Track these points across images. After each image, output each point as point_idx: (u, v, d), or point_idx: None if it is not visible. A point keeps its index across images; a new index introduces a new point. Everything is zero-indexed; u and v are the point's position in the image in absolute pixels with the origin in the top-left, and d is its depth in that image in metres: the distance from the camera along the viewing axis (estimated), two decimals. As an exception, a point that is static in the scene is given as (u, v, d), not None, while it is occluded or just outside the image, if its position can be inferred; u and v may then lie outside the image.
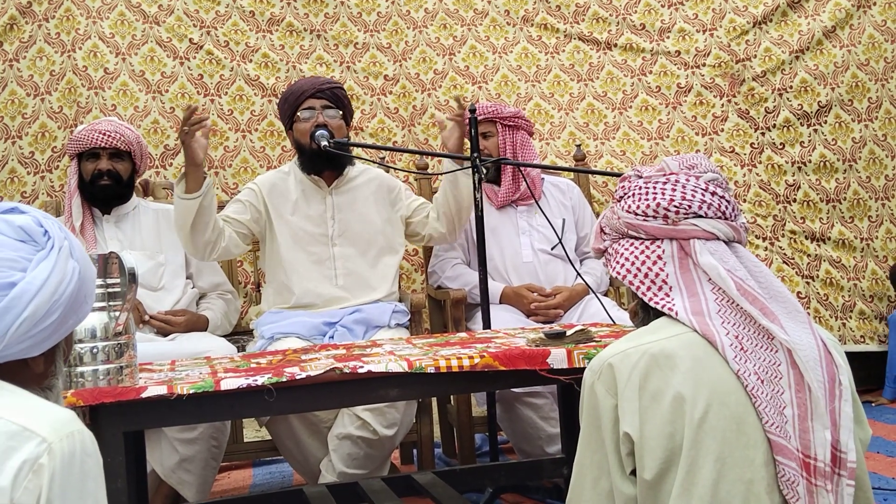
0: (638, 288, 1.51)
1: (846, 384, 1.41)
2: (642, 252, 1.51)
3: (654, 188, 1.52)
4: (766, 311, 1.42)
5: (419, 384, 1.95)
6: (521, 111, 3.42)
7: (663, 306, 1.48)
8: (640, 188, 1.53)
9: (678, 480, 1.34)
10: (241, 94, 4.13)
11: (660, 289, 1.49)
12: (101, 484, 1.10)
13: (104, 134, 3.03)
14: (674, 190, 1.50)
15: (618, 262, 1.54)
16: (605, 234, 1.60)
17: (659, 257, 1.50)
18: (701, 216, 1.49)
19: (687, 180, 1.51)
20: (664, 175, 1.53)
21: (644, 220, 1.51)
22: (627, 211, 1.53)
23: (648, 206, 1.50)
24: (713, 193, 1.51)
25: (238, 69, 4.14)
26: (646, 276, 1.50)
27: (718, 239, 1.50)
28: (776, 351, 1.40)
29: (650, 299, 1.50)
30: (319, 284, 3.02)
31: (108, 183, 3.07)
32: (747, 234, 1.57)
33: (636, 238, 1.53)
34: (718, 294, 1.45)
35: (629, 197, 1.54)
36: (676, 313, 1.45)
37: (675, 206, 1.49)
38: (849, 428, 1.38)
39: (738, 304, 1.43)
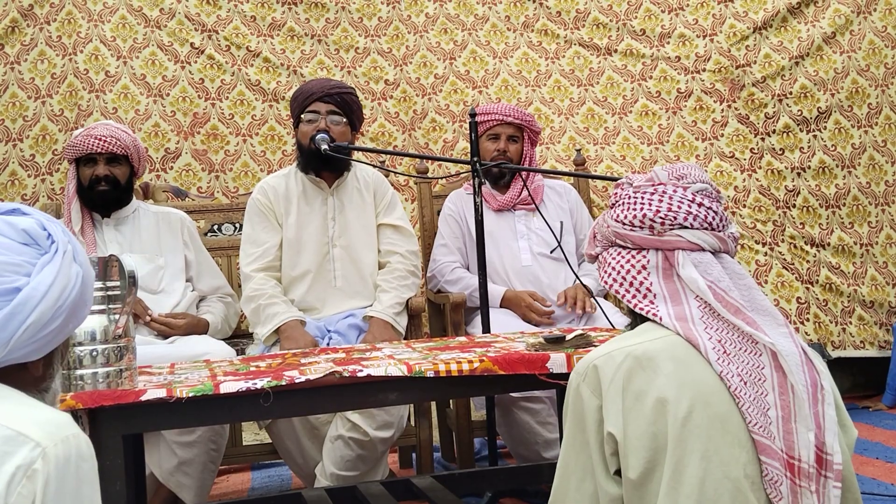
0: (623, 296, 1.55)
1: (828, 389, 1.43)
2: (628, 261, 1.54)
3: (642, 199, 1.54)
4: (748, 321, 1.45)
5: (418, 388, 1.95)
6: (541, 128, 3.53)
7: (648, 312, 1.51)
8: (630, 198, 1.56)
9: (665, 479, 1.36)
10: (242, 98, 4.14)
11: (644, 296, 1.52)
12: (96, 488, 1.09)
13: (100, 139, 3.03)
14: (660, 201, 1.52)
15: (605, 272, 1.58)
16: (597, 240, 1.63)
17: (644, 267, 1.53)
18: (686, 227, 1.51)
19: (674, 191, 1.53)
20: (653, 185, 1.55)
21: (631, 230, 1.54)
22: (616, 220, 1.56)
23: (635, 216, 1.53)
24: (700, 204, 1.52)
25: (239, 73, 4.15)
26: (631, 284, 1.54)
27: (704, 250, 1.51)
28: (760, 355, 1.43)
29: (635, 306, 1.53)
30: (319, 286, 3.03)
31: (105, 188, 3.06)
32: (737, 245, 1.59)
33: (623, 247, 1.56)
34: (701, 302, 1.48)
35: (619, 206, 1.57)
36: (661, 318, 1.48)
37: (661, 218, 1.51)
38: (833, 431, 1.40)
39: (720, 314, 1.45)
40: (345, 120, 3.03)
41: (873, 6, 4.20)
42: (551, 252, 3.33)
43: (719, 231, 1.53)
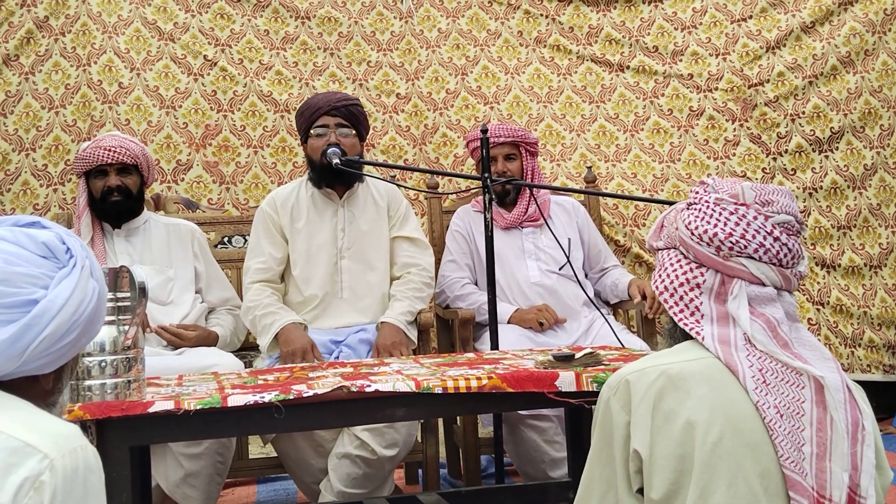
0: (671, 307, 1.50)
1: (869, 429, 1.39)
2: (684, 274, 1.50)
3: (720, 215, 1.47)
4: (796, 356, 1.41)
5: (426, 404, 1.93)
6: (537, 138, 3.52)
7: (691, 329, 1.47)
8: (708, 207, 1.49)
9: (690, 503, 1.33)
10: (254, 109, 4.15)
11: (692, 314, 1.48)
12: (103, 500, 1.10)
13: (109, 150, 3.04)
14: (737, 224, 1.46)
15: (659, 276, 1.54)
16: (662, 233, 1.58)
17: (698, 285, 1.48)
18: (754, 259, 1.46)
19: (754, 218, 1.46)
20: (735, 204, 1.48)
21: (697, 243, 1.48)
22: (686, 226, 1.50)
23: (706, 231, 1.47)
24: (776, 239, 1.46)
25: (251, 85, 4.16)
26: (681, 298, 1.50)
27: (765, 284, 1.46)
28: (802, 387, 1.39)
29: (680, 320, 1.49)
30: (326, 297, 3.03)
31: (118, 199, 3.07)
32: (801, 282, 1.53)
33: (684, 256, 1.51)
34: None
35: (694, 210, 1.51)
36: (703, 338, 1.45)
37: (731, 242, 1.45)
38: (870, 473, 1.36)
39: (766, 346, 1.42)
40: (353, 132, 3.04)
41: (888, 26, 4.18)
42: (560, 269, 3.32)
43: (787, 268, 1.47)
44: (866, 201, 4.15)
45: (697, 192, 1.53)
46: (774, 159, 4.22)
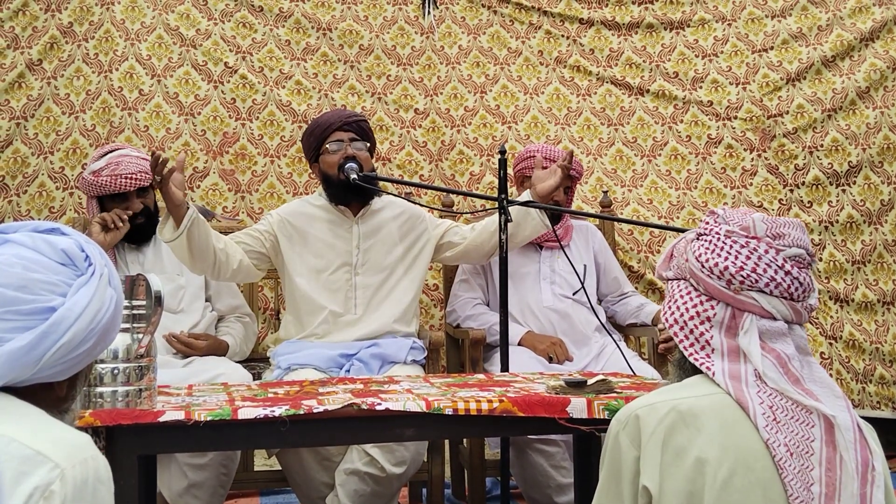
0: (681, 341, 1.49)
1: (880, 470, 1.38)
2: (694, 306, 1.48)
3: (730, 248, 1.46)
4: (807, 392, 1.41)
5: (436, 425, 1.92)
6: None
7: (701, 364, 1.46)
8: (719, 239, 1.48)
9: None
10: (273, 119, 4.16)
11: (702, 348, 1.47)
12: None
13: (130, 178, 2.99)
14: (748, 258, 1.45)
15: (669, 308, 1.52)
16: (672, 262, 1.56)
17: (708, 319, 1.47)
18: (765, 293, 1.44)
19: (766, 251, 1.45)
20: (746, 237, 1.47)
21: (708, 276, 1.46)
22: (696, 258, 1.49)
23: (717, 264, 1.46)
24: (787, 273, 1.44)
25: (271, 95, 4.17)
26: (691, 332, 1.48)
27: (776, 319, 1.45)
28: (812, 426, 1.38)
29: (690, 354, 1.48)
30: (338, 312, 3.02)
31: (143, 221, 3.07)
32: (811, 314, 1.51)
33: (695, 288, 1.50)
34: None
35: (704, 241, 1.50)
36: (713, 374, 1.43)
37: (742, 276, 1.44)
38: None
39: (777, 383, 1.41)
40: (367, 145, 3.06)
41: (909, 63, 4.18)
42: (574, 294, 3.30)
43: (798, 301, 1.46)
44: (882, 237, 4.13)
45: (707, 223, 1.52)
46: (791, 191, 4.20)
